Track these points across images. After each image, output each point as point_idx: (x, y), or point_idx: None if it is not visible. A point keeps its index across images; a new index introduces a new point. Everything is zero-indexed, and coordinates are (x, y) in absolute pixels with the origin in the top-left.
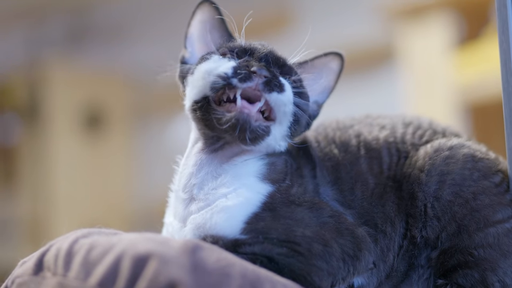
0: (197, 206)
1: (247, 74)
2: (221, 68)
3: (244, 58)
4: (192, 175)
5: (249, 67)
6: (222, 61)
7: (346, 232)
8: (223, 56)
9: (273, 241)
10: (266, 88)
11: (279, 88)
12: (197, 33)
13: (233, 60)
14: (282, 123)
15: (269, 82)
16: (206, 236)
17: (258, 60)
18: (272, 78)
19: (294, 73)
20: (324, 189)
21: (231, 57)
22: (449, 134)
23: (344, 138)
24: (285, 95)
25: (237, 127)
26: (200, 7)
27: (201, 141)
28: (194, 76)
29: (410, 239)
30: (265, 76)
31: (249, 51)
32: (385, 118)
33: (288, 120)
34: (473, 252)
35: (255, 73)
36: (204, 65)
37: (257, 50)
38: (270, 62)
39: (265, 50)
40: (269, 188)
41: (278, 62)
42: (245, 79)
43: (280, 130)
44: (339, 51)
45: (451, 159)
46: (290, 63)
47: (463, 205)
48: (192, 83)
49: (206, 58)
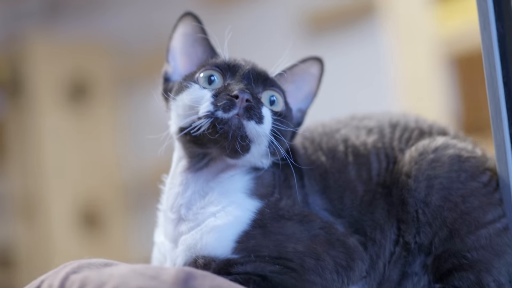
0: (186, 226)
1: (228, 104)
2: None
3: (226, 80)
4: (178, 195)
5: (230, 93)
6: (202, 92)
7: (338, 243)
8: (202, 83)
9: (265, 258)
10: (246, 114)
11: (258, 119)
12: (179, 47)
13: (210, 93)
14: (260, 145)
15: (249, 109)
16: (198, 257)
17: (241, 78)
18: (253, 105)
19: (276, 85)
20: (313, 198)
21: (210, 82)
22: (436, 131)
23: (331, 143)
24: (262, 127)
25: (229, 133)
26: (182, 20)
27: (185, 160)
28: (178, 104)
29: (403, 245)
30: (247, 100)
31: (233, 67)
32: (371, 119)
33: (265, 143)
34: (466, 255)
35: (237, 98)
36: (185, 97)
37: (240, 67)
38: (252, 79)
39: (248, 66)
40: (257, 204)
41: (261, 77)
42: (229, 109)
43: (259, 149)
44: (317, 56)
45: (436, 162)
46: (271, 76)
47: (453, 209)
48: (177, 111)
49: (186, 86)
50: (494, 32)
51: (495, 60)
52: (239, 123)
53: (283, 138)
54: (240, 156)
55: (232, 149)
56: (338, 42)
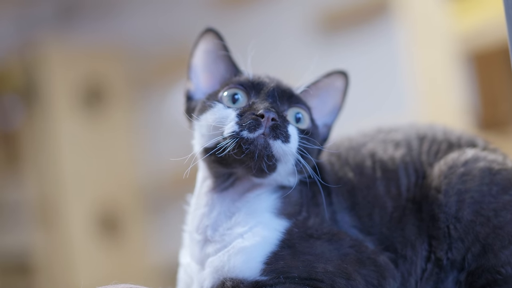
0: (213, 248)
1: (254, 123)
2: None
3: (250, 98)
4: (204, 216)
5: (255, 113)
6: (226, 112)
7: (368, 262)
8: (227, 102)
9: (295, 280)
10: (272, 134)
11: (284, 138)
12: (201, 64)
13: (235, 112)
14: (287, 163)
15: (275, 128)
16: (225, 279)
17: (266, 97)
18: (279, 124)
19: (301, 102)
20: (342, 215)
21: (235, 101)
22: (465, 142)
23: (358, 158)
24: (288, 146)
25: (255, 153)
26: (204, 36)
27: (210, 180)
28: (202, 124)
29: (434, 261)
30: (273, 119)
31: (257, 85)
32: (397, 132)
33: (292, 161)
34: (500, 270)
35: (262, 117)
36: (209, 116)
37: (264, 84)
38: (277, 97)
39: (272, 84)
40: (285, 224)
41: (285, 95)
42: (254, 129)
43: (285, 167)
44: (342, 70)
45: (467, 176)
46: (296, 93)
47: (485, 224)
48: (201, 131)
49: (209, 105)
50: None
51: None
52: (265, 142)
53: (310, 156)
54: (266, 176)
55: (259, 168)
56: (353, 41)
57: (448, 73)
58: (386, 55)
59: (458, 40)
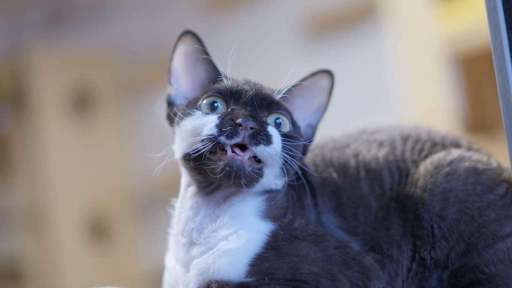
0: (198, 250)
1: (233, 130)
2: (205, 129)
3: (229, 106)
4: (189, 219)
5: (234, 120)
6: (205, 118)
7: (353, 263)
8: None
9: (280, 281)
10: (253, 141)
11: (266, 141)
12: (181, 67)
13: (215, 115)
14: (273, 166)
15: (255, 135)
16: (210, 282)
17: (245, 105)
18: (259, 129)
19: (282, 108)
20: (327, 216)
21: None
22: (449, 143)
23: (342, 159)
24: (272, 147)
25: (231, 174)
26: (182, 39)
27: (194, 185)
28: (181, 129)
29: (419, 261)
30: (252, 127)
31: (236, 94)
32: (382, 133)
33: (278, 164)
34: (484, 269)
35: (240, 126)
36: (188, 123)
37: (244, 92)
38: (256, 105)
39: (251, 91)
40: (270, 226)
41: (265, 101)
42: (232, 135)
43: (272, 171)
44: (327, 69)
45: (452, 175)
46: (276, 98)
47: (470, 223)
48: (181, 136)
49: (188, 113)
50: (506, 42)
51: (507, 70)
52: (241, 164)
53: (296, 154)
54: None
55: (238, 185)
56: (341, 45)
57: (436, 76)
58: (374, 58)
59: (446, 43)
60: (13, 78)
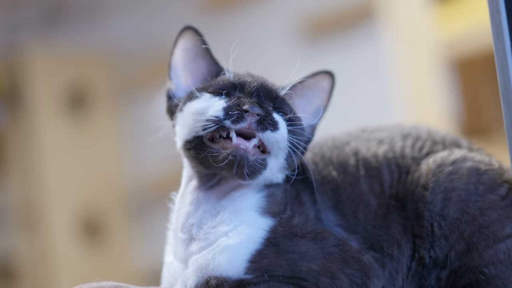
0: (197, 246)
1: (239, 115)
2: (211, 110)
3: (234, 96)
4: (189, 214)
5: (240, 105)
6: (212, 100)
7: (353, 261)
8: (213, 94)
9: (279, 278)
10: (260, 127)
11: (272, 126)
12: (181, 62)
13: (223, 99)
14: (278, 157)
15: (262, 121)
16: (210, 278)
17: (249, 95)
18: (265, 115)
19: (286, 104)
20: (326, 214)
21: (221, 95)
22: (449, 143)
23: (342, 157)
24: (279, 133)
25: (234, 164)
26: (182, 35)
27: (196, 179)
28: (184, 114)
29: (418, 260)
30: (258, 114)
31: (239, 86)
32: (382, 131)
33: (283, 154)
34: (484, 270)
35: (247, 112)
36: (193, 105)
37: (248, 84)
38: (261, 96)
39: (256, 83)
40: (270, 222)
41: (270, 95)
42: (238, 120)
43: (276, 163)
44: (328, 70)
45: (455, 175)
46: (281, 94)
47: (471, 222)
48: (183, 122)
49: (195, 96)
50: (508, 43)
51: (509, 71)
52: (245, 153)
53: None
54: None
55: (241, 175)
56: (338, 47)
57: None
58: (371, 60)
59: (443, 46)
60: (9, 76)
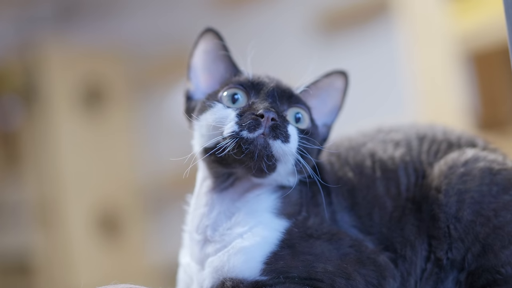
0: (213, 248)
1: (254, 123)
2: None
3: (251, 97)
4: (204, 216)
5: (255, 112)
6: (225, 112)
7: (368, 262)
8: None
9: (295, 280)
10: (272, 133)
11: (284, 138)
12: (201, 63)
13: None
14: (286, 163)
15: (275, 128)
16: (225, 279)
17: (265, 97)
18: (279, 124)
19: (301, 102)
20: (341, 215)
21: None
22: (464, 142)
23: (358, 158)
24: (288, 146)
25: (255, 153)
26: (203, 36)
27: (210, 180)
28: (201, 124)
29: (434, 261)
30: (273, 119)
31: (257, 86)
32: (398, 132)
33: (291, 161)
34: (501, 270)
35: (262, 117)
36: (208, 116)
37: (264, 84)
38: (276, 97)
39: (272, 84)
40: (285, 224)
41: (285, 94)
42: (254, 129)
43: (285, 167)
44: (342, 70)
45: (467, 176)
46: (296, 93)
47: (485, 224)
48: (200, 131)
49: (209, 105)
50: None
51: None
52: (265, 142)
53: (310, 156)
54: (266, 176)
55: (258, 168)
56: (353, 42)
57: (448, 73)
58: (386, 55)
59: (458, 40)
60: (25, 73)
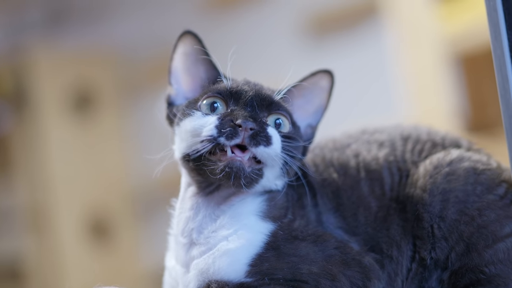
0: (198, 250)
1: (232, 131)
2: (205, 130)
3: (229, 106)
4: (189, 219)
5: (233, 120)
6: (205, 119)
7: (353, 263)
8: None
9: (280, 281)
10: (252, 142)
11: (265, 142)
12: (181, 67)
13: (215, 116)
14: (273, 167)
15: (255, 136)
16: (210, 282)
17: (244, 106)
18: (258, 130)
19: (281, 108)
20: (327, 216)
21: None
22: (449, 143)
23: (342, 159)
24: (272, 148)
25: (231, 175)
26: (182, 39)
27: (194, 185)
28: (181, 129)
29: (419, 261)
30: (252, 128)
31: (236, 95)
32: (382, 133)
33: (279, 164)
34: (484, 269)
35: (240, 127)
36: (187, 123)
37: (243, 93)
38: (256, 106)
39: (251, 92)
40: (270, 227)
41: (265, 102)
42: (232, 136)
43: (273, 171)
44: (327, 69)
45: (452, 176)
46: (276, 99)
47: (469, 223)
48: (180, 136)
49: (188, 114)
50: (505, 42)
51: (507, 70)
52: (241, 165)
53: (296, 155)
54: (249, 189)
55: (237, 187)
56: (342, 44)
57: (437, 75)
58: (375, 58)
59: (447, 43)
60: (14, 78)
